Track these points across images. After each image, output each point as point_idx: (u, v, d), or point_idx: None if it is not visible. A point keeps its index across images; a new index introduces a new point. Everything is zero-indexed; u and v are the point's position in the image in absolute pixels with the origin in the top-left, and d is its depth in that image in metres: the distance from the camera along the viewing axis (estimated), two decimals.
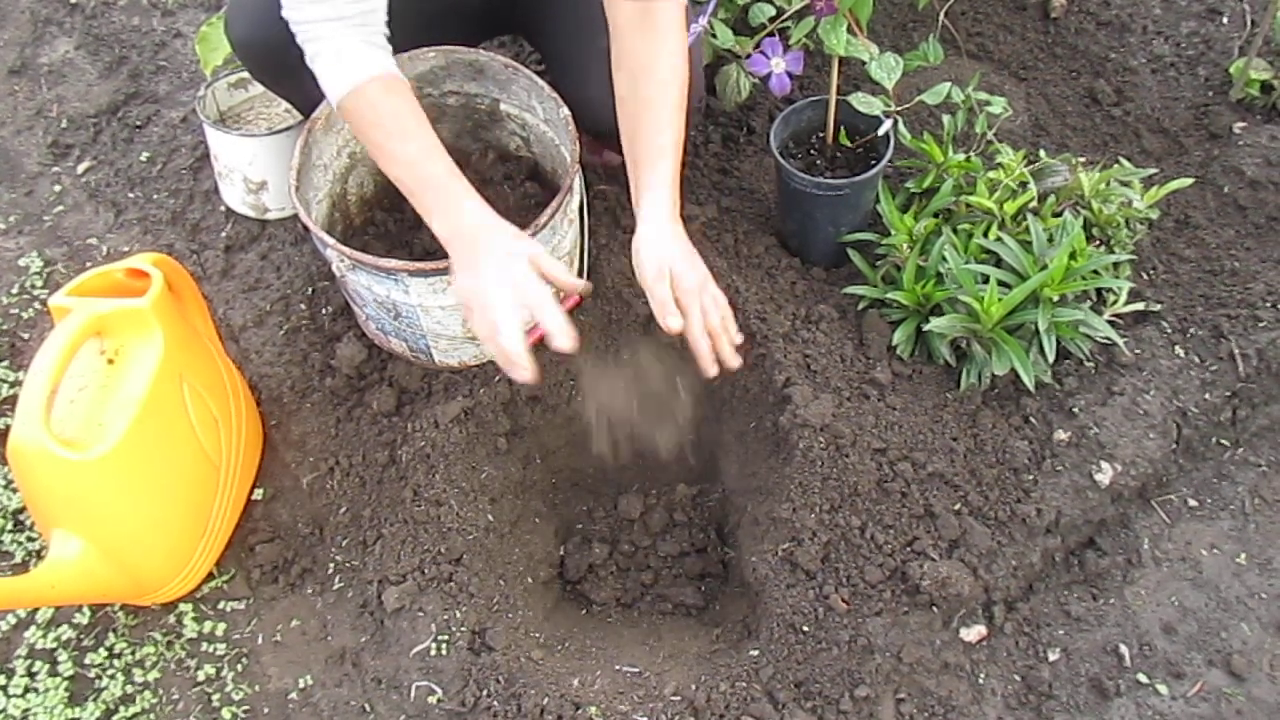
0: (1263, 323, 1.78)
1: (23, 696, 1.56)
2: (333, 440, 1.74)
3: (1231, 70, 2.12)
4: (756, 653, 1.57)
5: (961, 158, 1.81)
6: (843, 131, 1.83)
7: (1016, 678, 1.57)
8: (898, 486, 1.62)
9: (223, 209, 2.06)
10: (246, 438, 1.69)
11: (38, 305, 1.99)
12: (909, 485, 1.62)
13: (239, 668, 1.60)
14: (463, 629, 1.56)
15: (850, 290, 1.82)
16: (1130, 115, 2.13)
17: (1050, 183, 1.79)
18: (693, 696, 1.52)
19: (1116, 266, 1.77)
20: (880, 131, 1.73)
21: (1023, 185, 1.76)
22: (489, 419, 1.74)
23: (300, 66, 1.64)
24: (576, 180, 1.64)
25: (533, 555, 1.77)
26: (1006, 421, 1.70)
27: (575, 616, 1.77)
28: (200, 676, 1.58)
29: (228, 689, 1.57)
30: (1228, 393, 1.75)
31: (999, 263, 1.70)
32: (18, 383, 1.87)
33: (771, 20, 1.67)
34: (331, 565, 1.67)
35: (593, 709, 1.51)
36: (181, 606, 1.64)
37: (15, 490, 1.74)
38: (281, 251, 1.98)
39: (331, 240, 1.56)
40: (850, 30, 1.63)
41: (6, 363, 1.91)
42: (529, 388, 1.76)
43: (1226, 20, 2.23)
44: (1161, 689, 1.55)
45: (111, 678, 1.58)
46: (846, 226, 1.84)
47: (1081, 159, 1.90)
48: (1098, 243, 1.76)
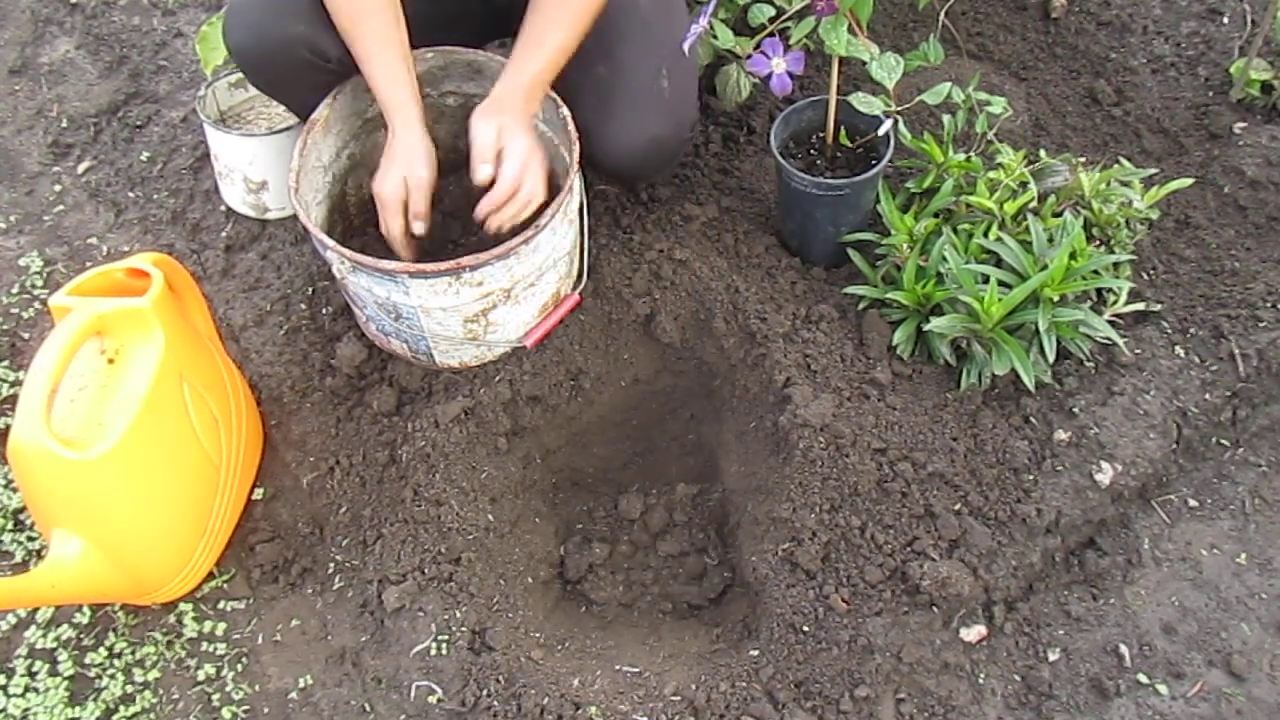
0: (1263, 323, 1.78)
1: (23, 696, 1.56)
2: (333, 440, 1.74)
3: (1232, 70, 2.12)
4: (756, 653, 1.57)
5: (962, 158, 1.81)
6: (843, 131, 1.83)
7: (1016, 678, 1.57)
8: (898, 486, 1.62)
9: (223, 209, 2.06)
10: (246, 437, 1.69)
11: (38, 305, 1.99)
12: (909, 485, 1.62)
13: (239, 667, 1.60)
14: (463, 629, 1.56)
15: (850, 290, 1.82)
16: (1130, 115, 2.13)
17: (1050, 183, 1.79)
18: (693, 696, 1.52)
19: (1116, 266, 1.77)
20: (880, 131, 1.73)
21: (1023, 185, 1.76)
22: (489, 419, 1.74)
23: (297, 73, 1.66)
24: (576, 181, 1.64)
25: (533, 555, 1.77)
26: (1006, 421, 1.70)
27: (575, 616, 1.77)
28: (200, 676, 1.59)
29: (228, 689, 1.57)
30: (1228, 393, 1.75)
31: (999, 263, 1.70)
32: (18, 383, 1.87)
33: (771, 20, 1.66)
34: (331, 565, 1.67)
35: (593, 709, 1.51)
36: (181, 606, 1.64)
37: (15, 490, 1.74)
38: (281, 251, 1.98)
39: (332, 242, 1.56)
40: (850, 30, 1.63)
41: (6, 362, 1.91)
42: (529, 388, 1.76)
43: (1226, 20, 2.23)
44: (1161, 689, 1.55)
45: (111, 677, 1.58)
46: (846, 226, 1.84)
47: (1081, 159, 1.90)
48: (1098, 243, 1.76)
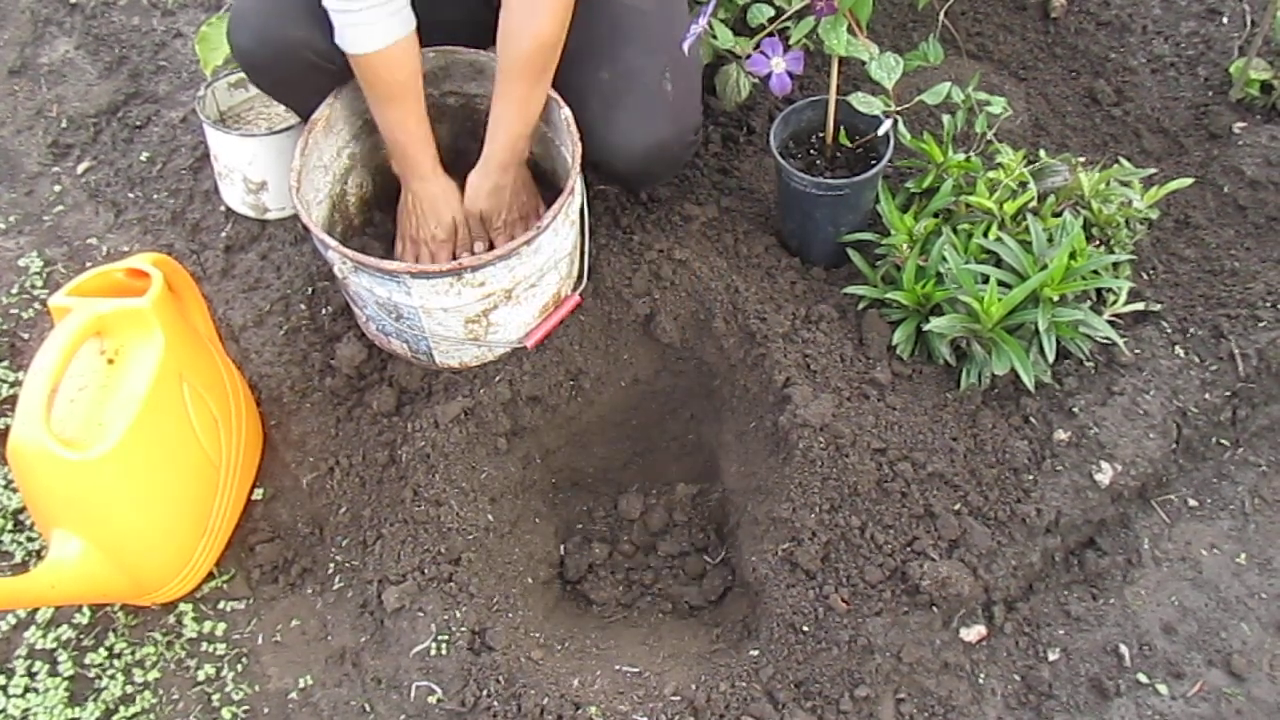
0: (1263, 323, 1.78)
1: (23, 696, 1.56)
2: (333, 440, 1.74)
3: (1231, 70, 2.12)
4: (756, 653, 1.57)
5: (961, 158, 1.81)
6: (843, 131, 1.83)
7: (1016, 678, 1.57)
8: (898, 486, 1.62)
9: (223, 209, 2.06)
10: (246, 438, 1.69)
11: (38, 305, 1.99)
12: (909, 485, 1.62)
13: (239, 668, 1.60)
14: (463, 629, 1.56)
15: (850, 290, 1.82)
16: (1130, 115, 2.13)
17: (1050, 183, 1.79)
18: (693, 696, 1.52)
19: (1116, 266, 1.77)
20: (880, 131, 1.73)
21: (1022, 185, 1.76)
22: (489, 419, 1.74)
23: (300, 75, 1.67)
24: (577, 183, 1.64)
25: (533, 555, 1.77)
26: (1006, 421, 1.70)
27: (575, 616, 1.77)
28: (200, 676, 1.58)
29: (228, 689, 1.57)
30: (1228, 393, 1.75)
31: (999, 263, 1.70)
32: (18, 383, 1.87)
33: (771, 20, 1.66)
34: (331, 565, 1.67)
35: (593, 709, 1.51)
36: (181, 606, 1.64)
37: (15, 490, 1.74)
38: (281, 251, 1.98)
39: (334, 242, 1.56)
40: (850, 30, 1.63)
41: (6, 363, 1.91)
42: (529, 388, 1.76)
43: (1226, 20, 2.23)
44: (1161, 689, 1.55)
45: (111, 678, 1.58)
46: (846, 226, 1.84)
47: (1081, 159, 1.90)
48: (1097, 243, 1.76)
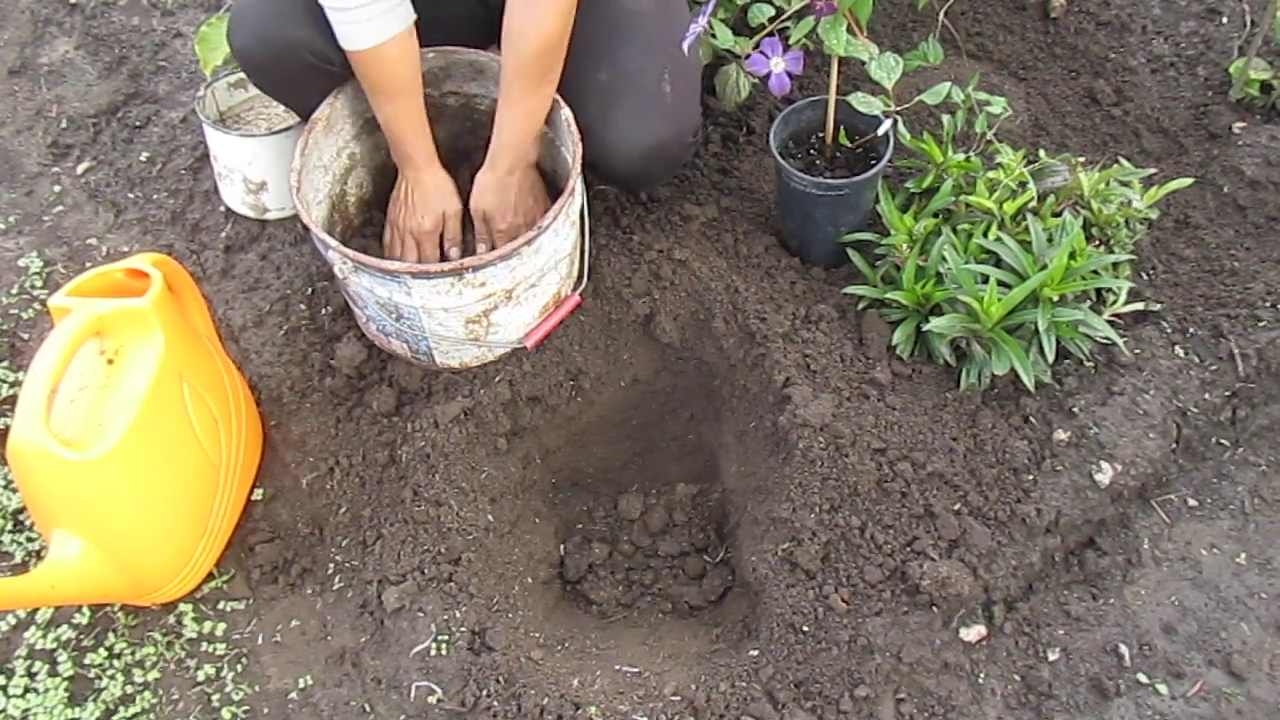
0: (1262, 323, 1.78)
1: (22, 697, 1.56)
2: (333, 440, 1.74)
3: (1231, 70, 2.12)
4: (756, 653, 1.57)
5: (961, 158, 1.81)
6: (842, 131, 1.83)
7: (1016, 678, 1.57)
8: (898, 486, 1.62)
9: (222, 209, 2.06)
10: (246, 438, 1.69)
11: (37, 305, 1.99)
12: (909, 485, 1.62)
13: (239, 668, 1.60)
14: (463, 629, 1.56)
15: (850, 290, 1.82)
16: (1130, 115, 2.13)
17: (1050, 183, 1.79)
18: (693, 696, 1.52)
19: (1116, 266, 1.77)
20: (880, 131, 1.73)
21: (1022, 185, 1.76)
22: (489, 419, 1.74)
23: (300, 75, 1.67)
24: (578, 184, 1.65)
25: (533, 555, 1.77)
26: (1006, 421, 1.70)
27: (575, 616, 1.77)
28: (200, 676, 1.58)
29: (228, 689, 1.57)
30: (1227, 393, 1.75)
31: (999, 263, 1.70)
32: (18, 383, 1.87)
33: (771, 20, 1.66)
34: (331, 565, 1.67)
35: (593, 709, 1.51)
36: (181, 606, 1.64)
37: (15, 490, 1.74)
38: (281, 252, 1.98)
39: (334, 242, 1.56)
40: (850, 30, 1.63)
41: (6, 363, 1.91)
42: (529, 388, 1.76)
43: (1226, 20, 2.23)
44: (1161, 689, 1.55)
45: (111, 678, 1.58)
46: (846, 226, 1.84)
47: (1081, 159, 1.90)
48: (1097, 243, 1.76)
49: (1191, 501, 1.73)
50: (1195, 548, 1.68)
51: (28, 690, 1.57)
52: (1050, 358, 1.67)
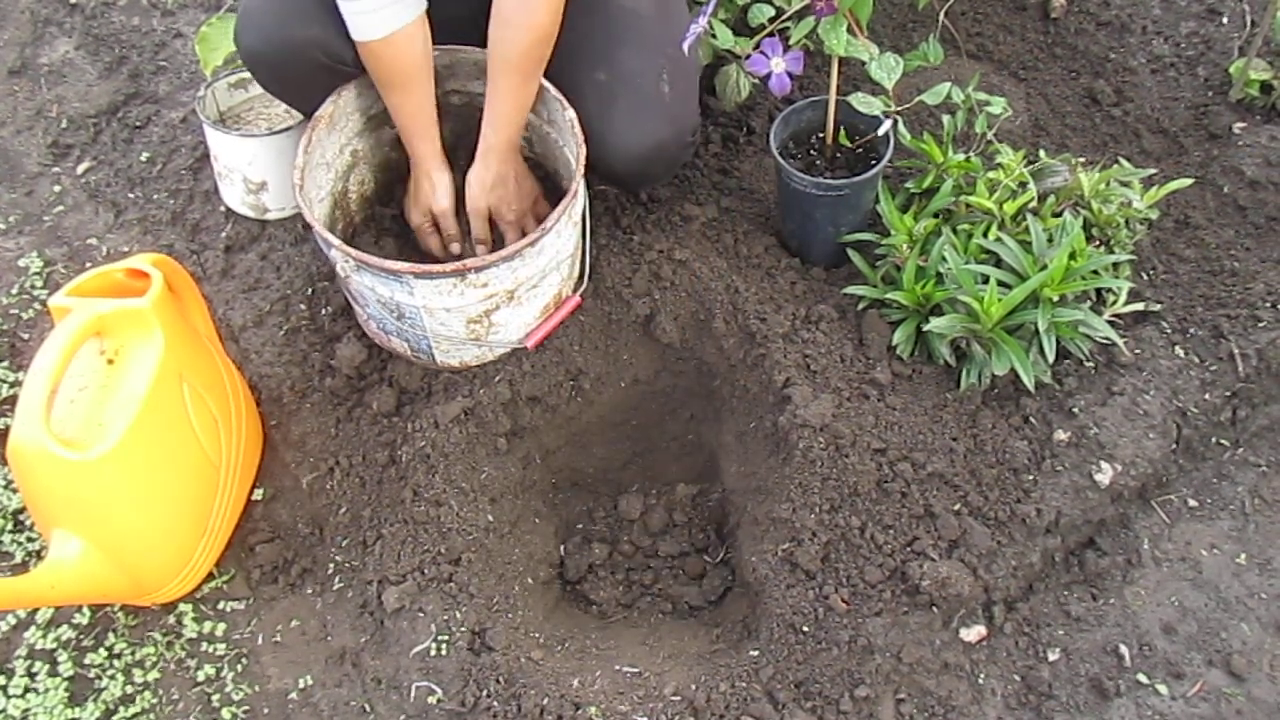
0: (1262, 323, 1.78)
1: (22, 697, 1.56)
2: (333, 440, 1.74)
3: (1231, 70, 2.12)
4: (756, 653, 1.57)
5: (961, 158, 1.81)
6: (842, 132, 1.83)
7: (1016, 678, 1.57)
8: (898, 486, 1.62)
9: (222, 209, 2.06)
10: (246, 438, 1.69)
11: (38, 305, 1.99)
12: (909, 485, 1.62)
13: (239, 668, 1.60)
14: (463, 629, 1.56)
15: (850, 290, 1.82)
16: (1130, 115, 2.13)
17: (1050, 183, 1.79)
18: (693, 696, 1.52)
19: (1116, 267, 1.77)
20: (880, 132, 1.73)
21: (1022, 185, 1.76)
22: (489, 419, 1.74)
23: (308, 76, 1.67)
24: (580, 186, 1.65)
25: (533, 555, 1.77)
26: (1006, 421, 1.70)
27: (575, 616, 1.77)
28: (200, 677, 1.58)
29: (227, 689, 1.57)
30: (1227, 393, 1.75)
31: (999, 263, 1.70)
32: (18, 383, 1.87)
33: (771, 20, 1.66)
34: (331, 565, 1.67)
35: (593, 709, 1.51)
36: (181, 607, 1.64)
37: (15, 490, 1.74)
38: (281, 252, 1.98)
39: (337, 241, 1.56)
40: (850, 30, 1.63)
41: (6, 363, 1.91)
42: (529, 388, 1.76)
43: (1226, 20, 2.23)
44: (1161, 689, 1.55)
45: (111, 678, 1.58)
46: (846, 226, 1.84)
47: (1081, 159, 1.90)
48: (1097, 243, 1.76)
49: (1191, 502, 1.73)
50: (1195, 548, 1.68)
51: (28, 690, 1.57)
52: (1050, 358, 1.67)
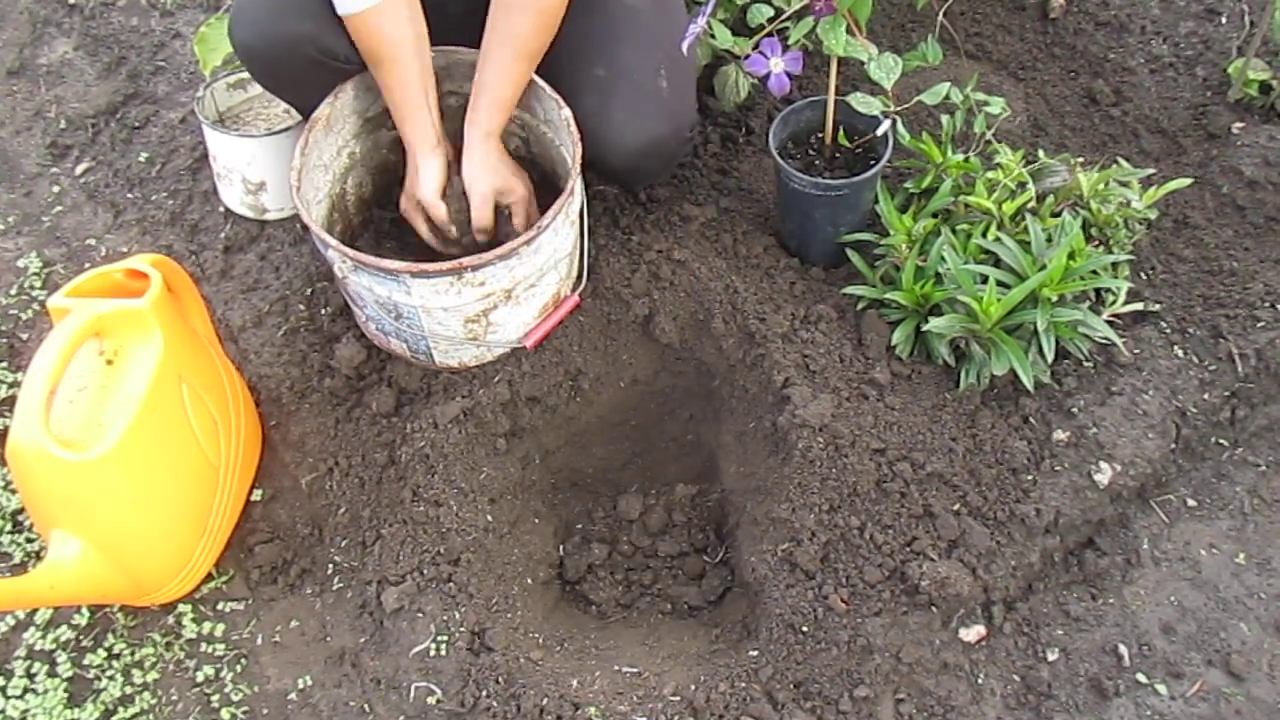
0: (1261, 323, 1.78)
1: (22, 697, 1.56)
2: (332, 441, 1.74)
3: (1230, 70, 2.12)
4: (756, 653, 1.57)
5: (960, 158, 1.81)
6: (841, 132, 1.83)
7: (1016, 678, 1.57)
8: (897, 486, 1.62)
9: (221, 209, 2.06)
10: (246, 438, 1.69)
11: (36, 306, 1.99)
12: (908, 485, 1.62)
13: (238, 668, 1.60)
14: (462, 629, 1.56)
15: (849, 290, 1.82)
16: (1129, 115, 2.14)
17: (1049, 183, 1.79)
18: (692, 696, 1.52)
19: (1115, 267, 1.77)
20: (879, 132, 1.73)
21: (1021, 185, 1.77)
22: (488, 419, 1.74)
23: (303, 72, 1.67)
24: (577, 184, 1.65)
25: (532, 555, 1.77)
26: (1005, 421, 1.70)
27: (575, 616, 1.77)
28: (199, 677, 1.58)
29: (227, 690, 1.57)
30: (1227, 393, 1.75)
31: (998, 263, 1.70)
32: (17, 383, 1.87)
33: (770, 20, 1.66)
34: (331, 566, 1.67)
35: (592, 709, 1.51)
36: (180, 607, 1.64)
37: (14, 491, 1.74)
38: (280, 252, 1.98)
39: (334, 242, 1.56)
40: (849, 30, 1.63)
41: (6, 363, 1.91)
42: (528, 388, 1.76)
43: (1225, 20, 2.24)
44: (1161, 689, 1.55)
45: (110, 679, 1.58)
46: (845, 226, 1.84)
47: (1080, 159, 1.90)
48: (1096, 243, 1.76)
49: (1191, 501, 1.73)
50: (1194, 548, 1.68)
51: (27, 691, 1.57)
52: (1049, 358, 1.67)
